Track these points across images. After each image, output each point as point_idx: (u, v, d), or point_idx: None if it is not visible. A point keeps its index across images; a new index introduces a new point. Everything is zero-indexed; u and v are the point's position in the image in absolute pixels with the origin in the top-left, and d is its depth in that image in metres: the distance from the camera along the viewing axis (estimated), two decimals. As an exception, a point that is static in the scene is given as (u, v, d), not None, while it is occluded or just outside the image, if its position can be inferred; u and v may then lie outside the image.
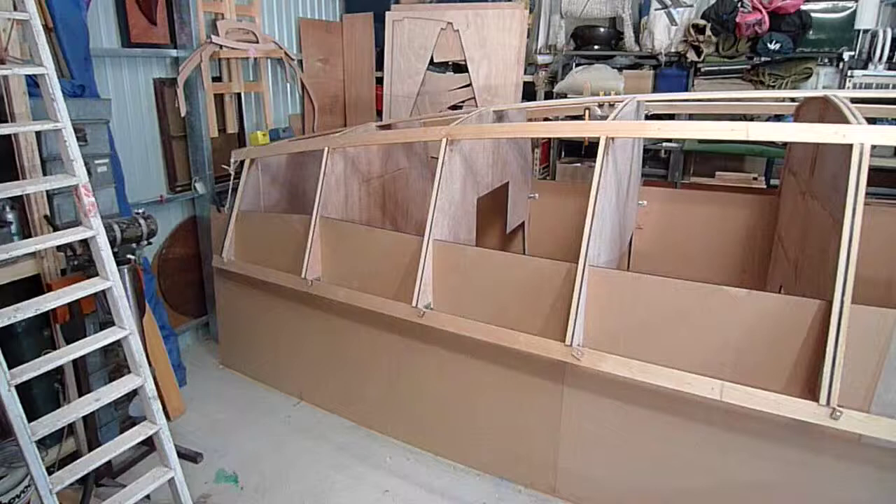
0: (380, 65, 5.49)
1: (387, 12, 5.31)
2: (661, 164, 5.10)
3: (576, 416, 2.69)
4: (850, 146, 2.06)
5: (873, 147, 2.07)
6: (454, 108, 5.16)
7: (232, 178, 3.76)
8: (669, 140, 4.87)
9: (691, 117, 4.20)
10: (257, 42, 4.37)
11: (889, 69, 4.40)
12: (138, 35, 3.68)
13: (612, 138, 2.48)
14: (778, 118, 4.25)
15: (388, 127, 3.99)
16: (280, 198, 3.99)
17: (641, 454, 2.59)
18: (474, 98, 5.16)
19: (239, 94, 4.39)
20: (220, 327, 4.09)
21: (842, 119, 2.25)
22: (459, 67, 5.20)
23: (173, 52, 3.90)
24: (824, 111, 2.69)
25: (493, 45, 5.07)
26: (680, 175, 4.84)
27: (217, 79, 4.19)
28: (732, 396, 2.16)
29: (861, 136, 2.06)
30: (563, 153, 5.25)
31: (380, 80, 5.50)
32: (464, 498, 2.90)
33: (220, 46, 4.04)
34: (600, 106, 3.71)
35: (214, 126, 4.12)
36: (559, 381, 2.66)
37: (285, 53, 4.66)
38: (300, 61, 5.10)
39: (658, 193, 4.18)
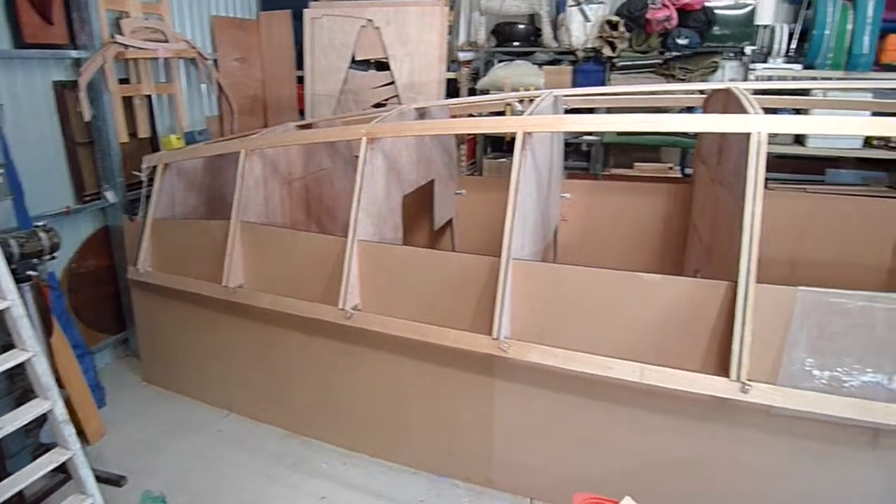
0: (301, 63, 5.38)
1: (305, 10, 5.21)
2: (583, 157, 5.24)
3: (508, 408, 2.72)
4: (749, 134, 2.17)
5: (774, 135, 2.19)
6: (378, 106, 5.11)
7: (144, 184, 3.60)
8: (590, 133, 5.01)
9: (609, 111, 4.34)
10: (167, 41, 4.19)
11: (787, 62, 4.68)
12: (32, 34, 3.44)
13: (530, 133, 2.52)
14: (689, 110, 4.44)
15: (308, 126, 3.91)
16: (198, 204, 3.85)
17: (573, 440, 2.66)
18: (398, 96, 5.14)
19: (149, 97, 4.20)
20: (141, 342, 3.91)
21: (741, 109, 2.38)
22: (382, 65, 5.16)
23: (73, 53, 3.68)
24: (727, 102, 2.82)
25: (415, 42, 5.06)
26: (601, 167, 4.99)
27: (125, 80, 3.99)
28: (652, 378, 2.25)
29: (758, 125, 2.18)
30: (488, 149, 5.31)
31: (301, 79, 5.39)
32: (401, 497, 2.89)
33: (126, 46, 3.85)
34: (521, 101, 3.77)
35: (124, 130, 3.92)
36: (490, 374, 2.69)
37: (199, 53, 4.49)
38: (215, 61, 4.93)
39: (581, 186, 4.29)
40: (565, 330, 2.45)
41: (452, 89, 5.26)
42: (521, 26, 5.18)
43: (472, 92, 5.20)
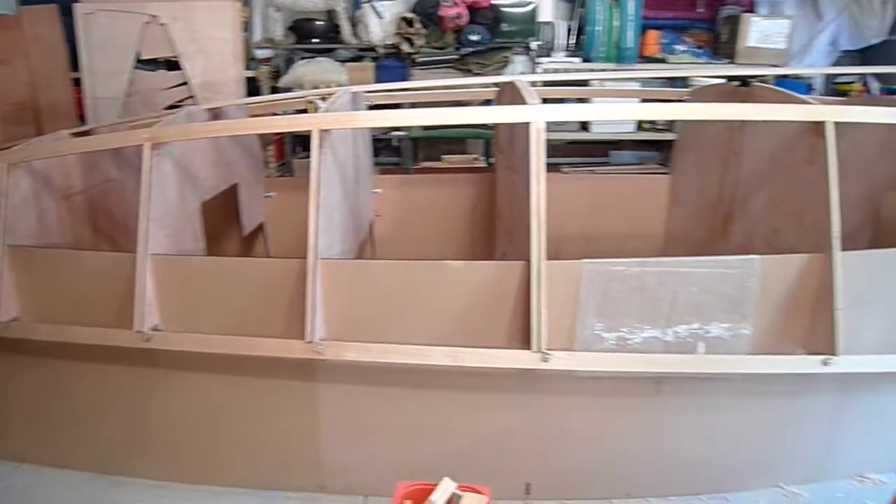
0: (77, 64, 4.83)
1: (75, 4, 4.67)
2: (393, 152, 5.33)
3: (333, 410, 2.69)
4: (529, 123, 2.34)
5: (561, 123, 2.38)
6: (172, 108, 4.75)
7: None
8: (398, 129, 5.10)
9: (414, 106, 4.44)
10: None
11: (568, 56, 5.15)
12: None
13: (327, 130, 2.49)
14: (487, 102, 4.70)
15: (86, 134, 3.52)
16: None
17: (399, 430, 2.69)
18: (194, 97, 4.82)
19: None
20: None
21: (523, 101, 2.56)
22: (173, 64, 4.80)
23: None
24: (513, 95, 3.02)
25: (207, 39, 4.78)
26: (411, 161, 5.11)
27: None
28: (465, 360, 2.35)
29: (536, 115, 2.36)
30: (297, 148, 5.18)
31: (79, 82, 4.84)
32: (229, 521, 2.74)
33: None
34: (323, 99, 3.71)
35: None
36: (310, 379, 2.63)
37: (-62, 54, 3.83)
38: (-37, 63, 4.24)
39: (393, 181, 4.35)
40: (381, 324, 2.48)
41: (254, 88, 5.06)
42: (320, 22, 5.12)
43: (275, 90, 5.03)
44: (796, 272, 2.44)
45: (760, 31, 4.82)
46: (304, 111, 4.00)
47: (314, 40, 5.12)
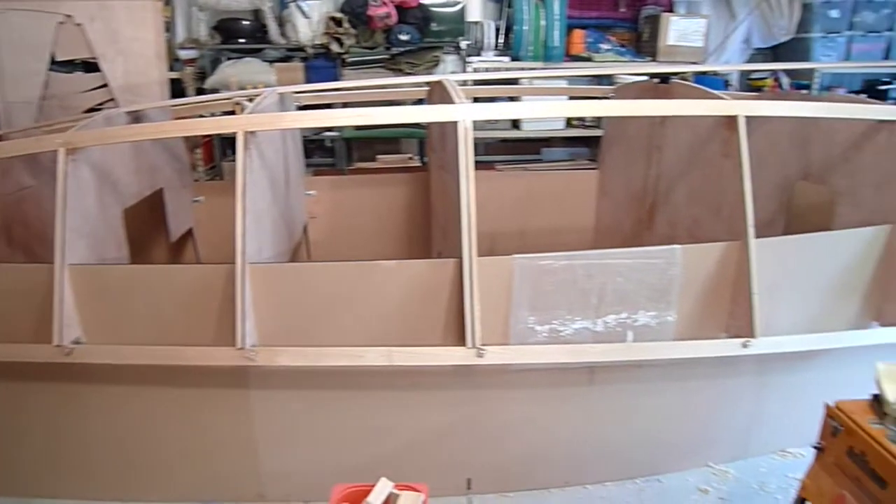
0: (-16, 67, 4.54)
1: (-20, 3, 4.40)
2: (327, 153, 5.27)
3: (269, 417, 2.64)
4: (456, 122, 2.36)
5: (493, 121, 2.41)
6: (92, 111, 4.54)
7: None
8: (330, 129, 5.04)
9: (346, 105, 4.40)
10: None
11: (498, 55, 5.22)
12: None
13: (252, 132, 2.44)
14: (420, 102, 4.71)
15: (-5, 140, 3.32)
16: None
17: (340, 433, 2.67)
18: (115, 99, 4.62)
19: None
20: None
21: (450, 100, 2.58)
22: (92, 66, 4.59)
23: None
24: (441, 94, 3.04)
25: (128, 39, 4.59)
26: (345, 162, 5.07)
27: None
28: (401, 359, 2.35)
29: (463, 114, 2.39)
30: (226, 151, 5.04)
31: (-13, 85, 4.55)
32: (163, 538, 2.65)
33: None
34: (250, 100, 3.63)
35: None
36: (244, 386, 2.57)
37: None
38: None
39: (327, 182, 4.30)
40: (315, 327, 2.45)
41: (178, 90, 4.89)
42: (246, 22, 5.00)
43: (201, 92, 4.89)
44: (715, 260, 2.56)
45: (679, 30, 5.02)
46: (232, 113, 3.90)
47: (241, 40, 5.00)
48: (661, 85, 3.44)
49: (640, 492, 2.83)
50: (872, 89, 5.72)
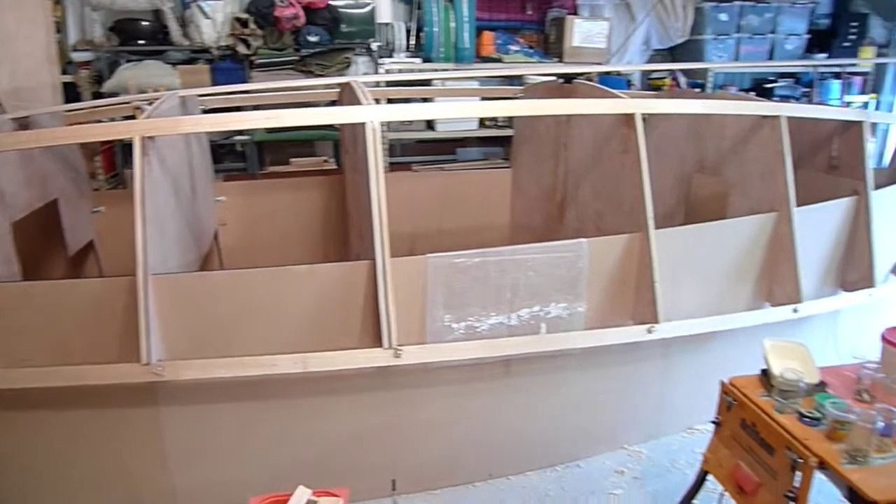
0: None
1: None
2: (238, 157, 5.12)
3: (181, 434, 2.53)
4: (364, 123, 2.36)
5: (406, 124, 2.42)
6: (-26, 119, 4.21)
7: None
8: (241, 133, 4.91)
9: (257, 108, 4.29)
10: None
11: (410, 56, 5.24)
12: None
13: (151, 137, 2.34)
14: (334, 103, 4.66)
15: None
16: None
17: (258, 444, 2.60)
18: (1, 104, 4.30)
19: None
20: None
21: (357, 101, 2.57)
22: (-29, 70, 4.25)
23: None
24: (350, 95, 3.02)
25: (12, 39, 4.28)
26: (257, 166, 4.94)
27: None
28: (316, 365, 2.32)
29: (370, 115, 2.39)
30: (128, 158, 4.79)
31: None
32: (71, 569, 2.49)
33: None
34: (150, 104, 3.48)
35: None
36: (153, 403, 2.46)
37: None
38: None
39: (238, 187, 4.18)
40: (228, 337, 2.37)
41: (74, 95, 4.61)
42: (146, 23, 4.77)
43: (98, 96, 4.63)
44: (619, 251, 2.69)
45: (583, 32, 5.21)
46: (132, 118, 3.72)
47: (140, 42, 4.77)
48: (566, 85, 3.56)
49: (561, 478, 2.92)
50: (760, 87, 6.16)
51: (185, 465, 2.58)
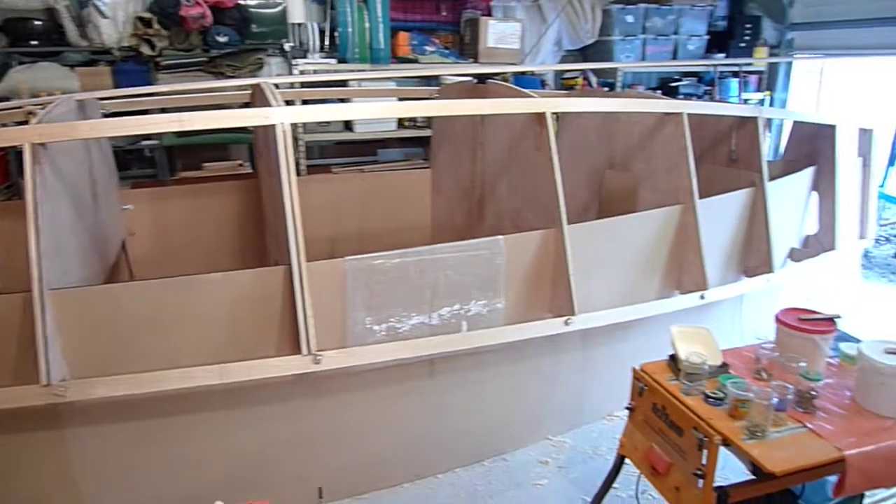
0: None
1: None
2: (147, 163, 4.89)
3: (88, 456, 2.38)
4: (274, 125, 2.31)
5: (323, 125, 2.37)
6: None
7: None
8: (148, 138, 4.68)
9: (165, 111, 4.10)
10: None
11: (324, 57, 5.16)
12: None
13: (43, 144, 2.20)
14: (247, 105, 4.53)
15: None
16: None
17: (176, 461, 2.49)
18: None
19: None
20: None
21: (267, 103, 2.51)
22: None
23: None
24: (261, 97, 2.95)
25: None
26: (168, 172, 4.74)
27: None
28: (233, 375, 2.25)
29: (280, 117, 2.34)
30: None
31: None
32: None
33: None
34: (44, 108, 3.26)
35: None
36: (57, 426, 2.31)
37: None
38: None
39: (147, 194, 3.99)
40: (138, 352, 2.26)
41: (-42, 100, 4.27)
42: (38, 22, 4.47)
43: (-13, 101, 4.30)
44: (535, 247, 2.75)
45: (496, 33, 5.29)
46: (26, 123, 3.48)
47: (33, 42, 4.47)
48: (480, 85, 3.61)
49: (488, 473, 2.96)
50: (666, 86, 6.47)
51: (98, 490, 2.44)
